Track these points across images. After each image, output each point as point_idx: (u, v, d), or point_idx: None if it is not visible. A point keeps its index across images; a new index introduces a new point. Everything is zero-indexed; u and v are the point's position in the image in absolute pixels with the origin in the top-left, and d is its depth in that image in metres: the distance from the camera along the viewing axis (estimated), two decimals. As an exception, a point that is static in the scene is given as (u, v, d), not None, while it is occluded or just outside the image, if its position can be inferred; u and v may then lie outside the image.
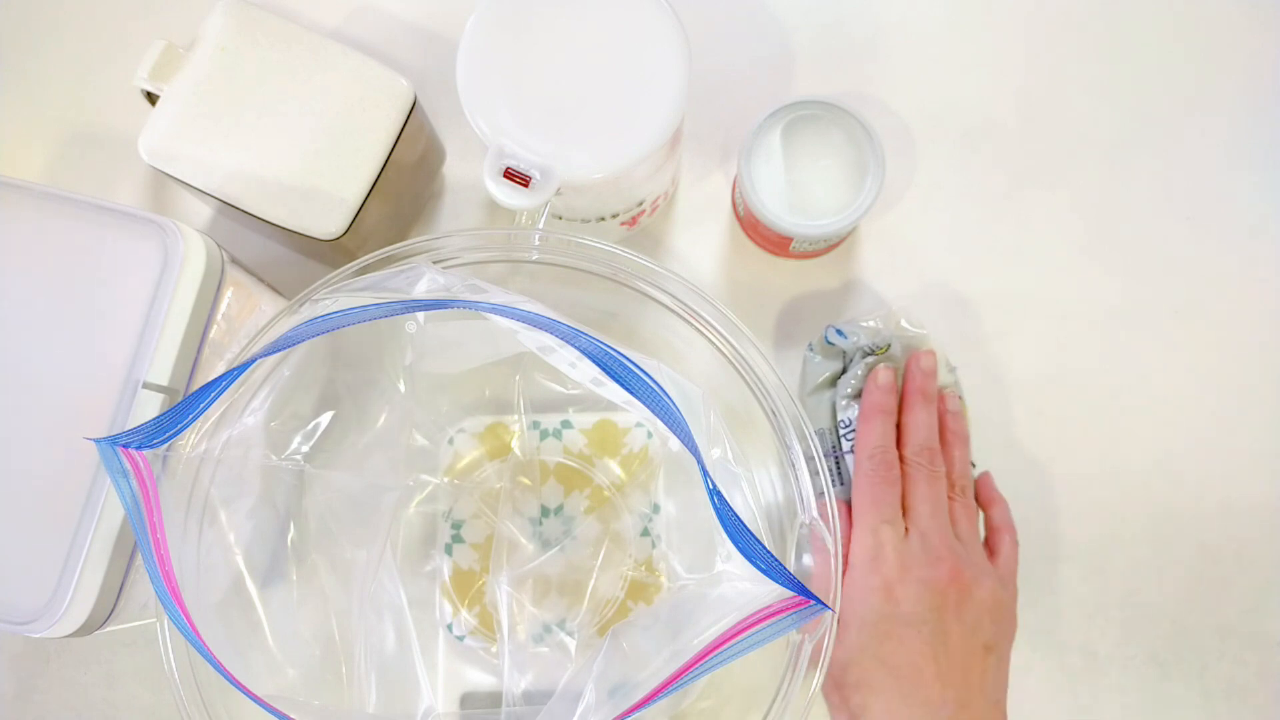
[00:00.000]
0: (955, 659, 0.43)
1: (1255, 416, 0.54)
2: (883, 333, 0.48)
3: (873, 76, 0.56)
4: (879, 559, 0.44)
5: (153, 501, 0.38)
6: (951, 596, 0.44)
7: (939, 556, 0.44)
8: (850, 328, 0.48)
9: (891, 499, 0.46)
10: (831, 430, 0.49)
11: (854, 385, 0.48)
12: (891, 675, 0.43)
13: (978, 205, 0.56)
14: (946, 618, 0.43)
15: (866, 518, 0.45)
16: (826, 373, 0.49)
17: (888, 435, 0.47)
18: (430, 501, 0.52)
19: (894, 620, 0.43)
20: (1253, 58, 0.56)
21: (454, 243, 0.44)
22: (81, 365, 0.39)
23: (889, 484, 0.46)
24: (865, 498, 0.46)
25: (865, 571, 0.44)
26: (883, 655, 0.43)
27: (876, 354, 0.48)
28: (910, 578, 0.44)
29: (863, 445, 0.47)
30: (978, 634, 0.44)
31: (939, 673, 0.43)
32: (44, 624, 0.38)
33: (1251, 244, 0.55)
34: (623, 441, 0.52)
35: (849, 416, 0.48)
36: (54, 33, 0.58)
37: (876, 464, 0.46)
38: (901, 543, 0.45)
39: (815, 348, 0.50)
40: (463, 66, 0.43)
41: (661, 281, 0.45)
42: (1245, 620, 0.52)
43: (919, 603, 0.43)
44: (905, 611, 0.43)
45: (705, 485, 0.35)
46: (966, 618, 0.44)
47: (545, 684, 0.48)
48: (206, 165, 0.46)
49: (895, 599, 0.43)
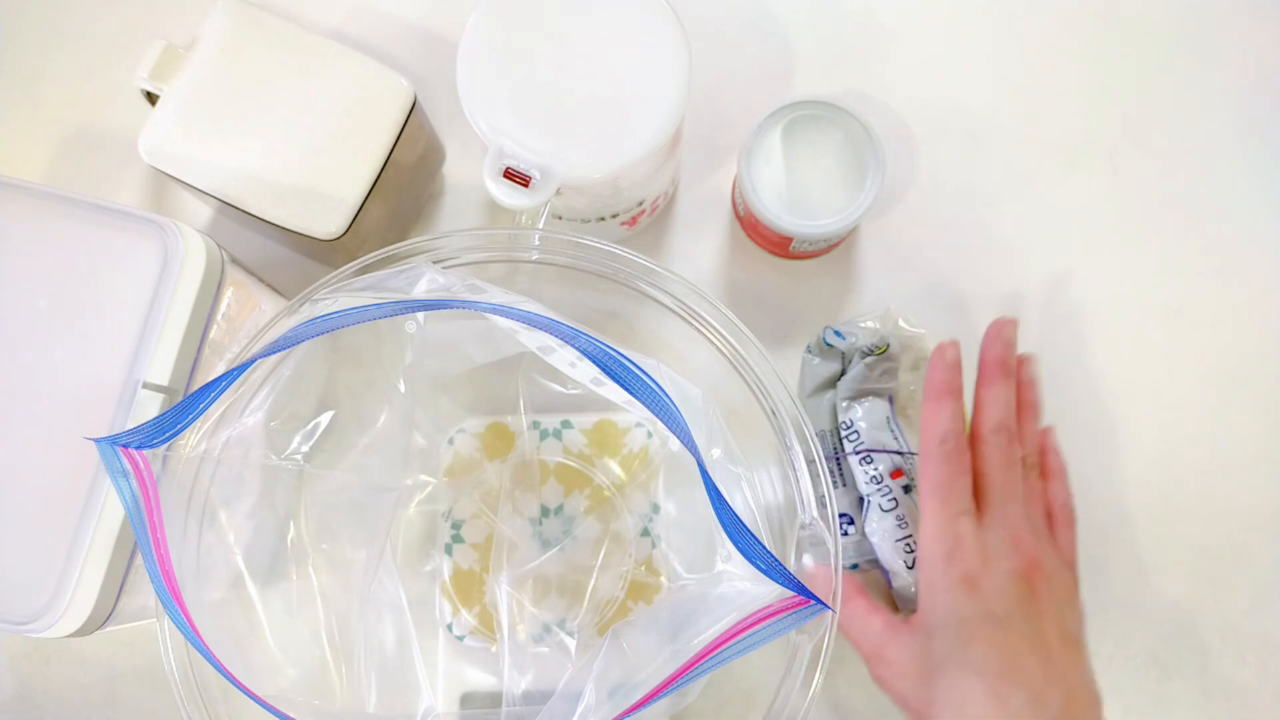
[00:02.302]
0: (1054, 651, 0.40)
1: (1255, 416, 0.54)
2: (881, 333, 0.48)
3: (873, 76, 0.56)
4: (958, 552, 0.41)
5: (153, 501, 0.38)
6: (1038, 586, 0.41)
7: (1020, 544, 0.42)
8: (848, 328, 0.48)
9: (964, 487, 0.43)
10: (832, 432, 0.49)
11: (853, 386, 0.48)
12: (985, 679, 0.39)
13: (978, 205, 0.56)
14: (1035, 610, 0.41)
15: (940, 510, 0.42)
16: (825, 374, 0.49)
17: (957, 418, 0.44)
18: (430, 501, 0.52)
19: (982, 620, 0.40)
20: (1253, 57, 0.56)
21: (454, 243, 0.44)
22: (81, 365, 0.39)
23: (962, 472, 0.43)
24: (937, 487, 0.43)
25: (943, 568, 0.41)
26: (974, 660, 0.40)
27: (875, 354, 0.48)
28: (994, 569, 0.41)
29: (931, 430, 0.44)
30: (1064, 624, 0.42)
31: (1040, 666, 0.40)
32: (44, 624, 0.38)
33: (1252, 244, 0.55)
34: (623, 441, 0.52)
35: (850, 418, 0.48)
36: (54, 33, 0.58)
37: (949, 450, 0.43)
38: (979, 533, 0.42)
39: (813, 349, 0.50)
40: (463, 66, 0.43)
41: (661, 281, 0.45)
42: (1245, 620, 0.52)
43: (1005, 596, 0.41)
44: (993, 608, 0.40)
45: (705, 485, 0.35)
46: (1052, 608, 0.41)
47: (545, 684, 0.48)
48: (206, 165, 0.46)
49: (981, 595, 0.41)
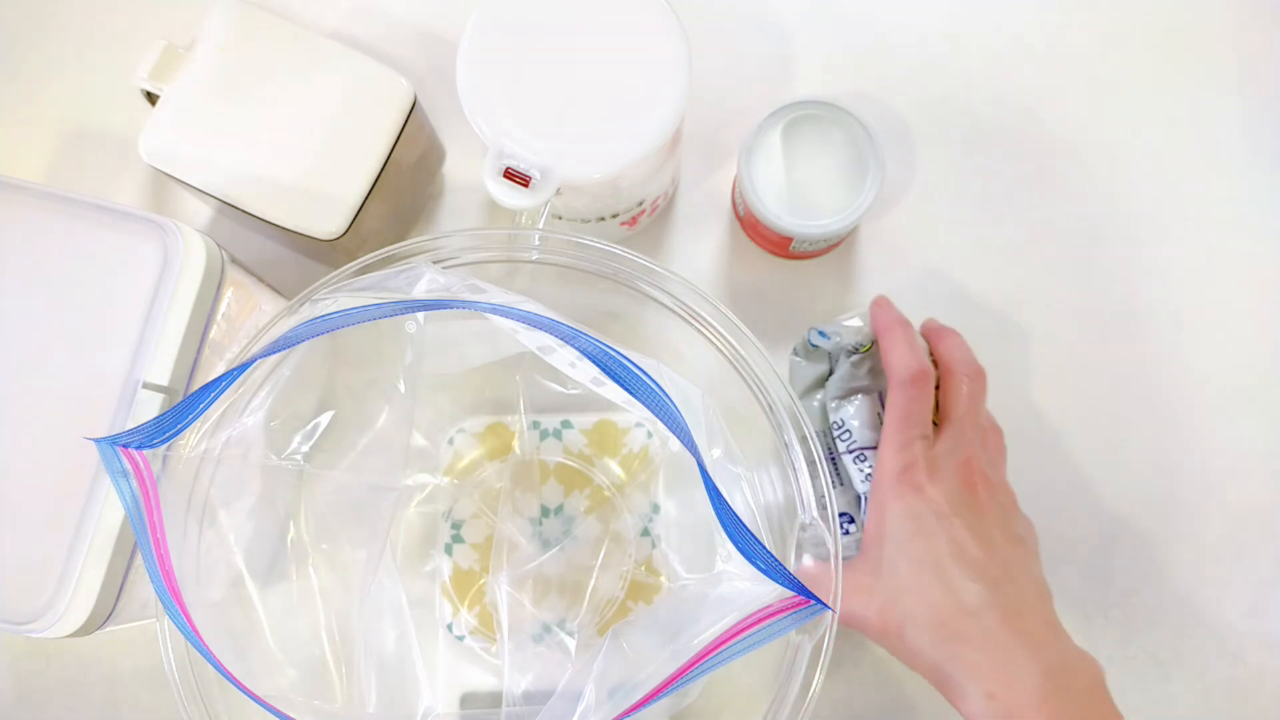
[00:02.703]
0: (998, 544, 0.42)
1: (1255, 416, 0.54)
2: (865, 330, 0.48)
3: (873, 76, 0.56)
4: (910, 469, 0.43)
5: (153, 501, 0.38)
6: (981, 493, 0.43)
7: (969, 462, 0.44)
8: (832, 328, 0.48)
9: (925, 414, 0.45)
10: (825, 432, 0.49)
11: (842, 385, 0.48)
12: (930, 566, 0.41)
13: (978, 205, 0.56)
14: (979, 510, 0.43)
15: (898, 434, 0.44)
16: (813, 375, 0.49)
17: (916, 348, 0.46)
18: (430, 501, 0.52)
19: (928, 516, 0.42)
20: (1253, 57, 0.56)
21: (454, 243, 0.44)
22: (81, 365, 0.39)
23: (925, 401, 0.45)
24: (900, 415, 0.44)
25: (893, 483, 0.43)
26: (919, 551, 0.42)
27: (861, 351, 0.48)
28: (941, 477, 0.43)
29: (896, 362, 0.45)
30: (1010, 525, 0.44)
31: (985, 553, 0.42)
32: (44, 624, 0.38)
33: (1252, 244, 0.55)
34: (623, 441, 0.52)
35: (841, 417, 0.48)
36: (54, 33, 0.58)
37: (915, 381, 0.45)
38: (931, 450, 0.44)
39: (799, 351, 0.50)
40: (463, 66, 0.43)
41: (661, 281, 0.45)
42: (1245, 620, 0.52)
43: (951, 499, 0.42)
44: (938, 507, 0.42)
45: (705, 485, 0.35)
46: (996, 511, 0.43)
47: (545, 684, 0.48)
48: (206, 165, 0.46)
49: (926, 496, 0.42)
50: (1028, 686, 0.39)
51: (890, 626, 0.42)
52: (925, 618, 0.41)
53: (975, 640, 0.40)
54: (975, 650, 0.40)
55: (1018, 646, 0.40)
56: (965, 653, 0.40)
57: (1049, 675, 0.39)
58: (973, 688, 0.40)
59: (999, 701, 0.39)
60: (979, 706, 0.40)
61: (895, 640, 0.42)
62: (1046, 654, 0.40)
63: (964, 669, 0.40)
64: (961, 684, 0.40)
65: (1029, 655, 0.40)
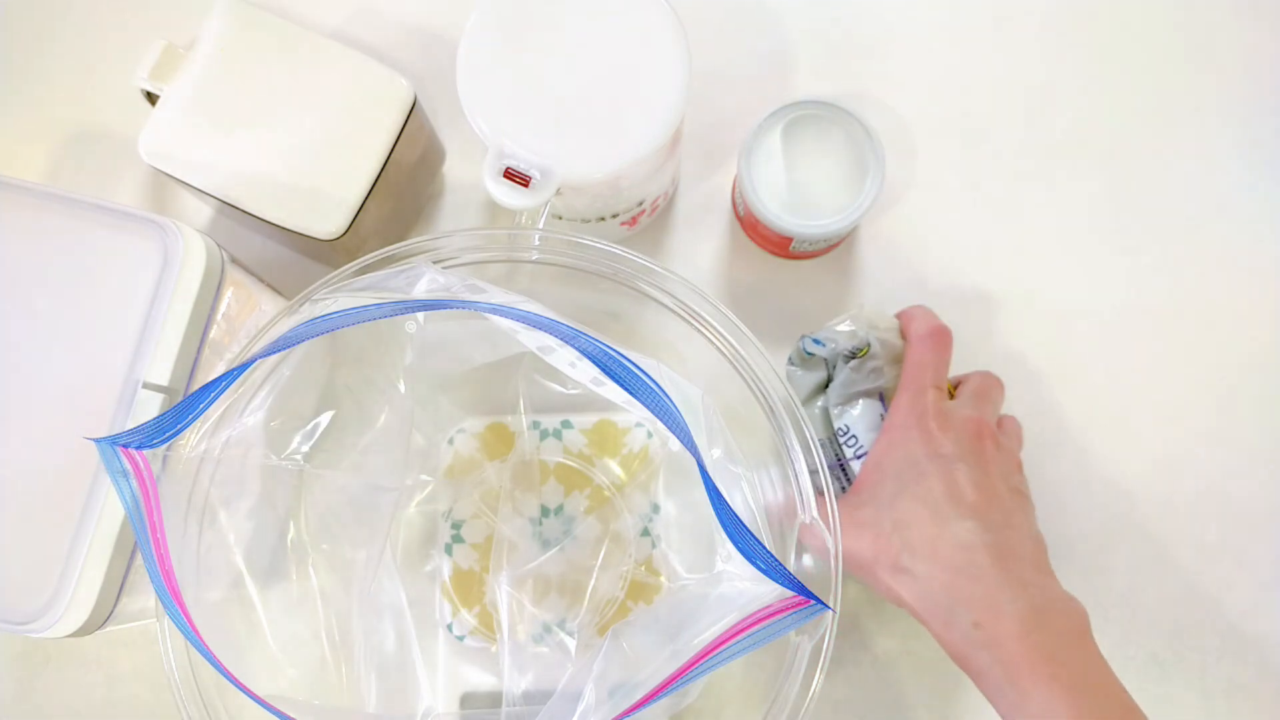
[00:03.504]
0: (999, 492, 0.43)
1: (1255, 416, 0.54)
2: (859, 334, 0.48)
3: (873, 76, 0.56)
4: (922, 416, 0.45)
5: (153, 501, 0.38)
6: (987, 446, 0.44)
7: (980, 420, 0.45)
8: (826, 334, 0.48)
9: (941, 367, 0.47)
10: (830, 440, 0.48)
11: (844, 391, 0.48)
12: (929, 505, 0.43)
13: (978, 205, 0.56)
14: (983, 459, 0.44)
15: (913, 384, 0.46)
16: (812, 383, 0.49)
17: (933, 314, 0.48)
18: (430, 501, 0.52)
19: (930, 459, 0.43)
20: (1253, 57, 0.56)
21: (454, 243, 0.44)
22: (81, 365, 0.39)
23: (942, 352, 0.47)
24: (915, 362, 0.46)
25: (904, 425, 0.45)
26: (920, 492, 0.43)
27: (858, 356, 0.47)
28: (950, 426, 0.44)
29: (916, 323, 0.47)
30: (1012, 480, 0.45)
31: (984, 499, 0.43)
32: (44, 624, 0.38)
33: (1252, 243, 0.55)
34: (623, 441, 0.52)
35: (845, 423, 0.48)
36: (54, 33, 0.58)
37: (934, 337, 0.47)
38: (944, 400, 0.46)
39: (795, 361, 0.49)
40: (463, 66, 0.43)
41: (661, 281, 0.45)
42: (1245, 620, 0.52)
43: (956, 445, 0.44)
44: (945, 452, 0.44)
45: (705, 485, 0.35)
46: (999, 464, 0.45)
47: (545, 684, 0.48)
48: (206, 165, 0.46)
49: (932, 441, 0.44)
50: (1013, 619, 0.40)
51: (884, 557, 0.43)
52: (922, 549, 0.42)
53: (967, 573, 0.41)
54: (966, 581, 0.41)
55: (1007, 583, 0.41)
56: (957, 582, 0.41)
57: (1035, 611, 0.40)
58: (959, 615, 0.41)
59: (984, 630, 0.40)
60: (963, 634, 0.41)
61: (888, 570, 0.43)
62: (1034, 593, 0.41)
63: (953, 597, 0.41)
64: (949, 612, 0.41)
65: (1017, 591, 0.41)
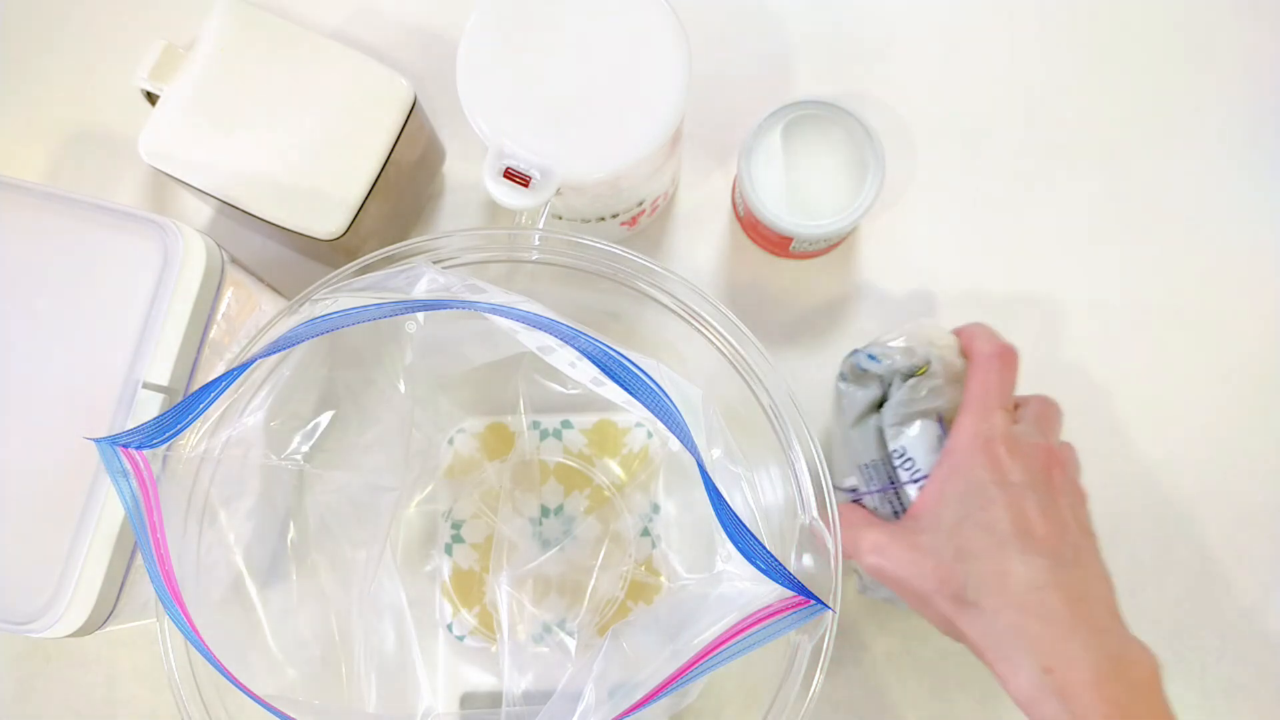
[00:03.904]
0: (1068, 526, 0.41)
1: (1255, 416, 0.54)
2: (918, 351, 0.46)
3: (873, 76, 0.56)
4: (990, 441, 0.42)
5: (153, 501, 0.38)
6: (1056, 477, 0.42)
7: (1050, 445, 0.43)
8: (881, 350, 0.46)
9: (1008, 388, 0.44)
10: (884, 461, 0.46)
11: (900, 410, 0.45)
12: (997, 536, 0.40)
13: (978, 205, 0.56)
14: (1051, 490, 0.42)
15: (978, 407, 0.43)
16: (866, 401, 0.46)
17: (997, 335, 0.46)
18: (430, 501, 0.52)
19: (997, 486, 0.41)
20: (1253, 57, 0.56)
21: (454, 243, 0.44)
22: (81, 365, 0.39)
23: (1008, 373, 0.44)
24: (980, 390, 0.44)
25: (970, 450, 0.42)
26: (987, 520, 0.41)
27: (916, 374, 0.45)
28: (1019, 453, 0.42)
29: (979, 341, 0.45)
30: (1079, 515, 0.43)
31: (1055, 534, 0.40)
32: (44, 624, 0.38)
33: (1252, 243, 0.55)
34: (623, 441, 0.52)
35: (902, 445, 0.45)
36: (54, 33, 0.58)
37: (998, 359, 0.44)
38: (1012, 425, 0.43)
39: (847, 376, 0.47)
40: (463, 66, 0.43)
41: (661, 281, 0.45)
42: (1245, 620, 0.52)
43: (1028, 473, 0.41)
44: (1014, 480, 0.41)
45: (705, 485, 0.35)
46: (1068, 497, 0.42)
47: (545, 684, 0.48)
48: (206, 165, 0.46)
49: (1003, 469, 0.42)
50: (1086, 666, 0.38)
51: (946, 587, 0.41)
52: (989, 583, 0.40)
53: (1038, 613, 0.39)
54: (1037, 623, 0.39)
55: (1081, 627, 0.39)
56: (1027, 624, 0.39)
57: (1109, 659, 0.38)
58: (1028, 660, 0.38)
59: (1055, 677, 0.38)
60: (1031, 680, 0.38)
61: (948, 602, 0.41)
62: (1107, 639, 0.39)
63: (1022, 640, 0.39)
64: (1016, 655, 0.39)
65: (1091, 636, 0.39)
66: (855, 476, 0.47)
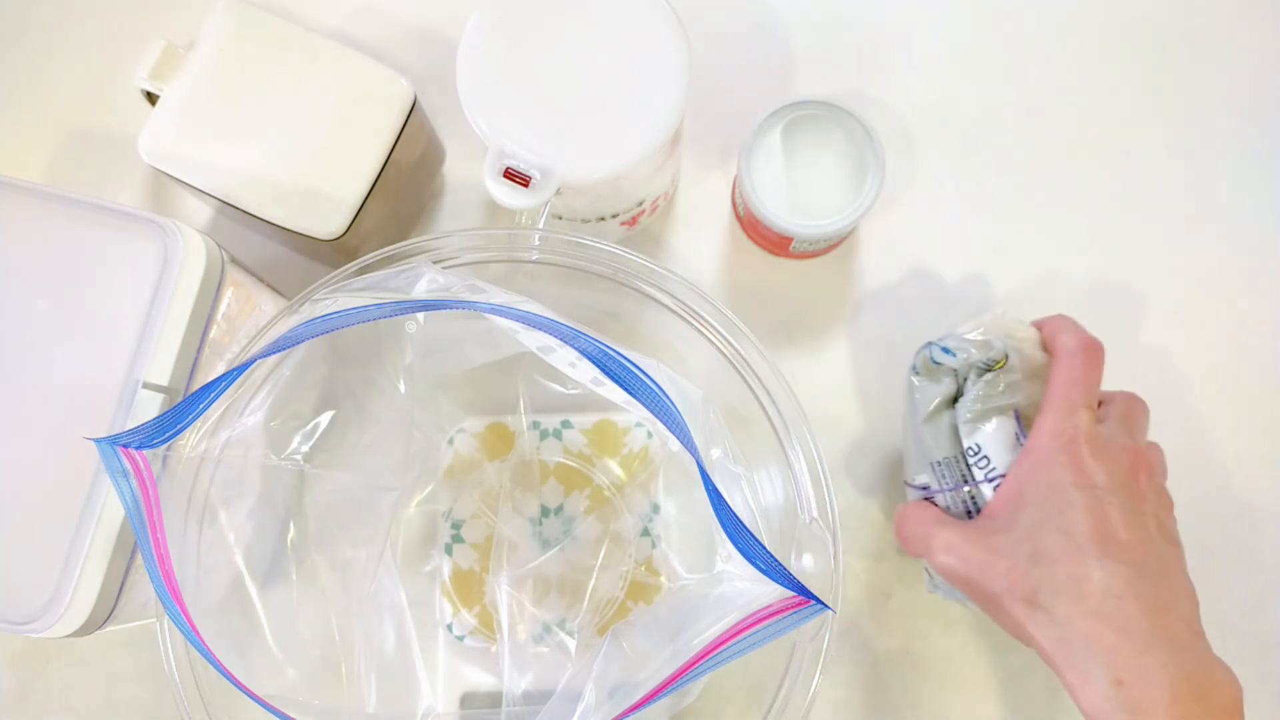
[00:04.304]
0: (1151, 534, 0.39)
1: (1256, 416, 0.54)
2: (996, 345, 0.44)
3: (873, 76, 0.56)
4: (1073, 440, 0.40)
5: (153, 501, 0.38)
6: (1142, 481, 0.40)
7: (1135, 448, 0.41)
8: (956, 343, 0.44)
9: (1093, 384, 0.42)
10: (959, 458, 0.44)
11: (977, 407, 0.43)
12: (1075, 541, 0.38)
13: (978, 205, 0.56)
14: (1137, 495, 0.40)
15: (1062, 403, 0.41)
16: (940, 396, 0.45)
17: (1081, 328, 0.44)
18: (430, 501, 0.52)
19: (1081, 488, 0.39)
20: (1253, 57, 0.56)
21: (454, 243, 0.44)
22: (81, 365, 0.39)
23: (1094, 369, 0.42)
24: (1063, 385, 0.41)
25: (1051, 449, 0.40)
26: (1066, 524, 0.39)
27: (994, 368, 0.43)
28: (1104, 454, 0.40)
29: (1063, 335, 0.43)
30: (1165, 523, 0.41)
31: (1137, 542, 0.38)
32: (44, 624, 0.38)
33: (1252, 243, 0.55)
34: (623, 441, 0.52)
35: (977, 442, 0.43)
36: (54, 33, 0.58)
37: (1083, 354, 0.42)
38: (1097, 425, 0.41)
39: (920, 369, 0.45)
40: (463, 66, 0.43)
41: (661, 281, 0.45)
42: (1245, 620, 0.52)
43: (1112, 477, 0.39)
44: (1097, 483, 0.39)
45: (705, 485, 0.35)
46: (1154, 501, 0.41)
47: (545, 684, 0.48)
48: (206, 165, 0.46)
49: (1086, 470, 0.40)
50: (1162, 683, 0.36)
51: (1018, 589, 0.39)
52: (1065, 588, 0.38)
53: (1114, 623, 0.37)
54: (1113, 632, 0.37)
55: (1159, 640, 0.37)
56: (1102, 632, 0.37)
57: (1187, 678, 0.36)
58: (1100, 670, 0.37)
59: (1127, 691, 0.36)
60: (1103, 692, 0.36)
61: (1020, 604, 0.39)
62: (1187, 656, 0.37)
63: (1095, 649, 0.37)
64: (1087, 664, 0.37)
65: (1170, 652, 0.37)
66: (927, 474, 0.45)
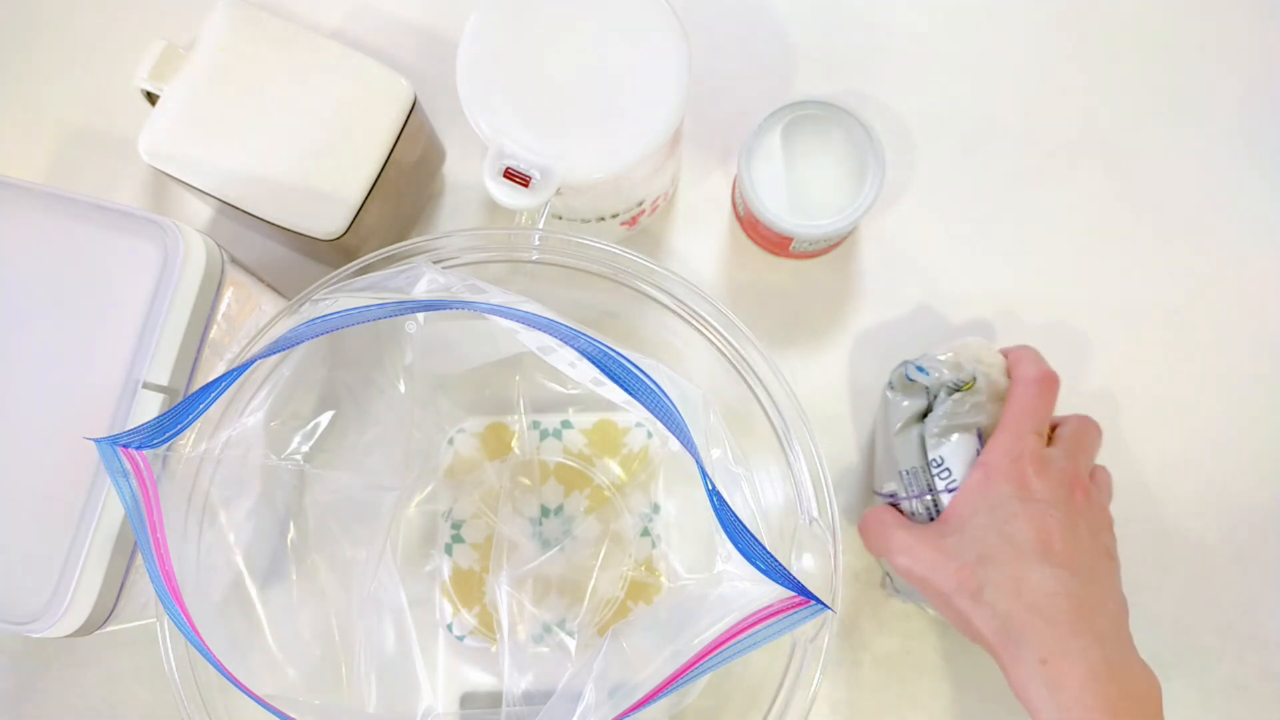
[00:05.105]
0: (1084, 545, 0.43)
1: (1255, 416, 0.54)
2: (966, 368, 0.47)
3: (873, 76, 0.56)
4: (1020, 459, 0.44)
5: (153, 501, 0.38)
6: (1079, 500, 0.44)
7: (1076, 472, 0.45)
8: (930, 364, 0.47)
9: (1045, 413, 0.46)
10: (924, 469, 0.47)
11: (943, 423, 0.47)
12: (1017, 547, 0.43)
13: (977, 205, 0.56)
14: (1073, 511, 0.44)
15: (1013, 428, 0.45)
16: (912, 410, 0.48)
17: (1044, 362, 0.47)
18: (430, 501, 0.52)
19: (1024, 502, 0.43)
20: (1253, 57, 0.56)
21: (454, 243, 0.44)
22: (81, 365, 0.39)
23: (1046, 399, 0.46)
24: (1017, 412, 0.46)
25: (1000, 466, 0.45)
26: (1009, 532, 0.43)
27: (962, 389, 0.47)
28: (1046, 474, 0.44)
29: (1024, 366, 0.47)
30: (1100, 536, 0.45)
31: (1071, 551, 0.43)
32: (44, 624, 0.38)
33: (1252, 244, 0.55)
34: (623, 441, 0.52)
35: (940, 455, 0.47)
36: (54, 33, 0.58)
37: (1038, 385, 0.46)
38: (1044, 448, 0.45)
39: (896, 385, 0.49)
40: (463, 66, 0.43)
41: (661, 281, 0.45)
42: (1245, 620, 0.52)
43: (1052, 493, 0.44)
44: (1038, 498, 0.43)
45: (704, 485, 0.35)
46: (1089, 519, 0.44)
47: (545, 684, 0.48)
48: (206, 165, 0.46)
49: (1030, 488, 0.44)
50: (1081, 663, 0.40)
51: (967, 586, 0.43)
52: (1005, 586, 0.42)
53: (1047, 614, 0.41)
54: (1044, 622, 0.41)
55: (1085, 631, 0.41)
56: (1035, 622, 0.41)
57: (1105, 662, 0.40)
58: (1028, 652, 0.41)
59: (1049, 668, 0.40)
60: (1029, 668, 0.41)
61: (967, 600, 0.43)
62: (1110, 647, 0.41)
63: (1027, 635, 0.41)
64: (1019, 648, 0.41)
65: (1093, 640, 0.41)
66: (895, 482, 0.48)
